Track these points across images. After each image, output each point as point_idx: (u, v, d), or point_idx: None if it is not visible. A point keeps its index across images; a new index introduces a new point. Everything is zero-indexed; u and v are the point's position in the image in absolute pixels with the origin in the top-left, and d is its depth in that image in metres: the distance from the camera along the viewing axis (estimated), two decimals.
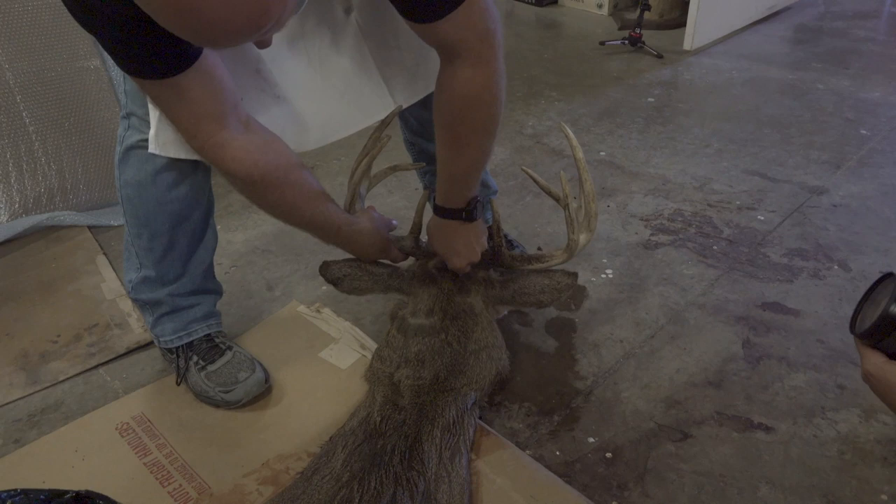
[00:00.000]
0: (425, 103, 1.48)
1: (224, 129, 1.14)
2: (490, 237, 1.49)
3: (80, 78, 1.99)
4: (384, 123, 1.46)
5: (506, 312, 1.57)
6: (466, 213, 1.38)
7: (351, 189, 1.51)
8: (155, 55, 1.02)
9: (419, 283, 1.47)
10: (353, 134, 1.43)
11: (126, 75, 1.24)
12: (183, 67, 1.05)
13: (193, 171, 1.31)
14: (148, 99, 1.18)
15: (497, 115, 1.25)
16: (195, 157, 1.25)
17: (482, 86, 1.19)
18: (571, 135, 1.42)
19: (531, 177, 1.48)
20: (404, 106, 1.44)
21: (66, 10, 1.00)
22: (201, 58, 1.07)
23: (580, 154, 1.42)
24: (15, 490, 1.02)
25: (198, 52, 1.06)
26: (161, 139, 1.23)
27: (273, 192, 1.23)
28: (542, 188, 1.47)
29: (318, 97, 1.32)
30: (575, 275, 1.46)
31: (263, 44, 1.00)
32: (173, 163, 1.27)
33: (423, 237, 1.53)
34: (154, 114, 1.20)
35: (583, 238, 1.46)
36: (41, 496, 1.02)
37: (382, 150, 1.49)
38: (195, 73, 1.07)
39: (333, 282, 1.51)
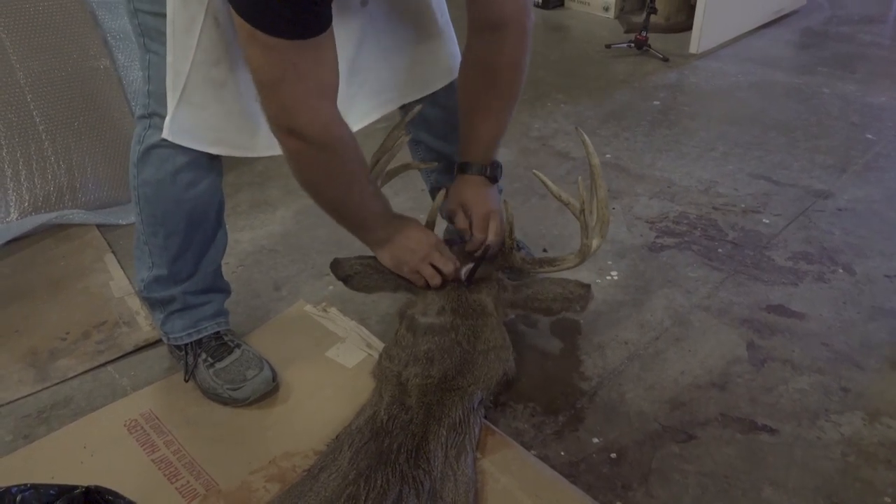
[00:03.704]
0: (433, 100, 1.48)
1: (336, 99, 1.18)
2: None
3: (91, 78, 2.00)
4: (403, 122, 1.47)
5: (513, 316, 1.58)
6: (491, 169, 1.46)
7: None
8: (313, 9, 1.05)
9: None
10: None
11: (147, 77, 1.24)
12: (325, 27, 1.08)
13: (210, 171, 1.32)
14: (263, 74, 1.11)
15: (523, 81, 1.39)
16: (204, 148, 1.26)
17: (519, 56, 1.32)
18: (589, 142, 1.42)
19: (543, 182, 1.48)
20: (409, 101, 1.45)
21: (78, 10, 1.01)
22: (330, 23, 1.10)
23: (596, 161, 1.42)
24: (25, 485, 1.03)
25: (330, 14, 1.08)
26: (175, 126, 1.23)
27: (348, 157, 1.27)
28: (552, 193, 1.48)
29: None
30: (588, 287, 1.46)
31: None
32: (193, 162, 1.28)
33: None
34: (172, 102, 1.21)
35: (595, 243, 1.46)
36: (51, 491, 1.03)
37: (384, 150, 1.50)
38: (329, 36, 1.10)
39: (344, 279, 1.51)
